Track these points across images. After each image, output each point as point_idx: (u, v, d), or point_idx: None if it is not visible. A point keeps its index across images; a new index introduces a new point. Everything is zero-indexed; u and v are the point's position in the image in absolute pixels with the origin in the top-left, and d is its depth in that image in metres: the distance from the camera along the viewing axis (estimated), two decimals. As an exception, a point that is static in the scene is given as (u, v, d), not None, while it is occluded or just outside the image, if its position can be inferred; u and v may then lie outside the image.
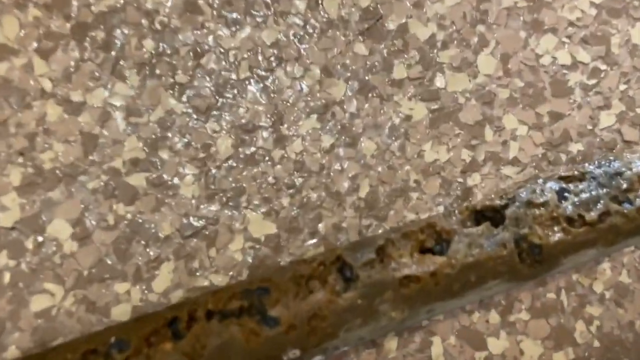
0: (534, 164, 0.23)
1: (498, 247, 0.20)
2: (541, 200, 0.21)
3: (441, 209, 0.22)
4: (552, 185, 0.21)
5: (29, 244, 0.21)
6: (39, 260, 0.21)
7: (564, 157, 0.23)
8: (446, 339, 0.22)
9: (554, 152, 0.23)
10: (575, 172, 0.22)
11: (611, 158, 0.22)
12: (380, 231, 0.22)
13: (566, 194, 0.21)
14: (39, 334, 0.20)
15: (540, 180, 0.21)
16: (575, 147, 0.23)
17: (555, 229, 0.20)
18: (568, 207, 0.21)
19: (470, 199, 0.23)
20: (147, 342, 0.18)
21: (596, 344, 0.22)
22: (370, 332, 0.19)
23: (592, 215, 0.21)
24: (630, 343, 0.22)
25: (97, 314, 0.21)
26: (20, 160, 0.21)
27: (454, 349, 0.22)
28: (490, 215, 0.21)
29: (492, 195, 0.21)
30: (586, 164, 0.22)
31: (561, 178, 0.22)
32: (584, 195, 0.21)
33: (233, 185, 0.22)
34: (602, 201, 0.21)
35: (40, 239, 0.21)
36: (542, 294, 0.22)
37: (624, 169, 0.22)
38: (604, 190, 0.21)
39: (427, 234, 0.20)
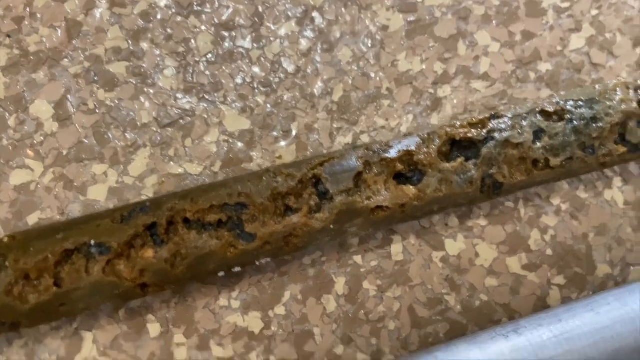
0: (503, 80, 0.24)
1: (466, 184, 0.20)
2: (518, 140, 0.21)
3: (411, 117, 0.23)
4: (532, 122, 0.21)
5: (12, 122, 0.21)
6: (21, 137, 0.21)
7: (532, 75, 0.24)
8: (406, 238, 0.23)
9: (523, 69, 0.24)
10: (557, 108, 0.22)
11: (594, 97, 0.22)
12: (350, 134, 0.23)
13: (541, 135, 0.21)
14: (17, 206, 0.21)
15: (522, 112, 0.21)
16: (544, 67, 0.24)
17: (520, 169, 0.21)
18: (539, 150, 0.21)
19: (439, 109, 0.23)
20: (128, 245, 0.19)
21: (549, 252, 0.23)
22: (337, 244, 0.20)
23: (556, 160, 0.21)
24: (583, 254, 0.23)
25: (74, 192, 0.21)
26: (7, 42, 0.22)
27: (412, 248, 0.22)
28: (465, 145, 0.21)
29: (472, 120, 0.22)
30: (570, 102, 0.22)
31: (542, 112, 0.22)
32: (556, 140, 0.21)
33: (211, 80, 0.22)
34: (569, 148, 0.21)
35: (22, 117, 0.21)
36: (501, 202, 0.23)
37: (602, 115, 0.22)
38: (576, 137, 0.21)
39: (404, 162, 0.21)
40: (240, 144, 0.22)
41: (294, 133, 0.22)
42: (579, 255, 0.23)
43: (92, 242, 0.18)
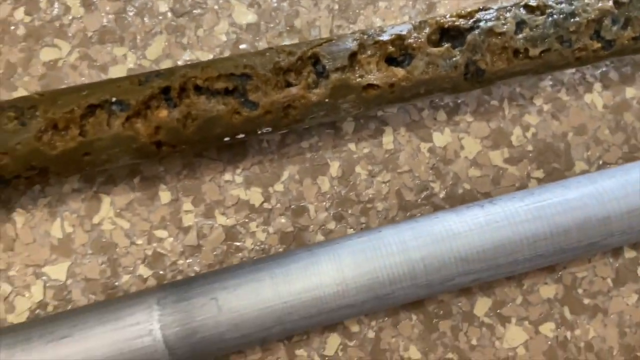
0: (494, -12, 0.25)
1: (450, 69, 0.22)
2: (501, 30, 0.23)
3: (406, 18, 0.25)
4: (515, 14, 0.23)
5: (43, 5, 0.23)
6: (51, 19, 0.23)
7: (522, -16, 0.25)
8: (397, 130, 0.24)
9: (513, -21, 0.25)
10: (540, 3, 0.23)
11: None
12: (349, 32, 0.24)
13: (523, 26, 0.23)
14: (45, 80, 0.23)
15: (508, 5, 0.23)
16: (533, -22, 0.25)
17: (502, 58, 0.22)
18: (519, 40, 0.22)
19: (433, 12, 0.25)
20: (145, 105, 0.21)
21: (530, 147, 0.24)
22: (330, 120, 0.22)
23: (535, 51, 0.22)
24: (561, 151, 0.25)
25: (96, 70, 0.23)
26: None
27: (402, 138, 0.24)
28: (453, 35, 0.23)
29: (461, 12, 0.23)
30: None
31: (526, 6, 0.23)
32: (536, 31, 0.23)
33: (223, -24, 0.24)
34: (547, 40, 0.23)
35: (52, 1, 0.23)
36: (487, 101, 0.25)
37: (580, 11, 0.23)
38: (555, 29, 0.23)
39: (396, 45, 0.22)
40: (247, 36, 0.24)
41: (297, 28, 0.24)
42: (558, 152, 0.25)
43: (114, 99, 0.20)
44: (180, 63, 0.23)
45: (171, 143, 0.21)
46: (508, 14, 0.22)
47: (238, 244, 0.23)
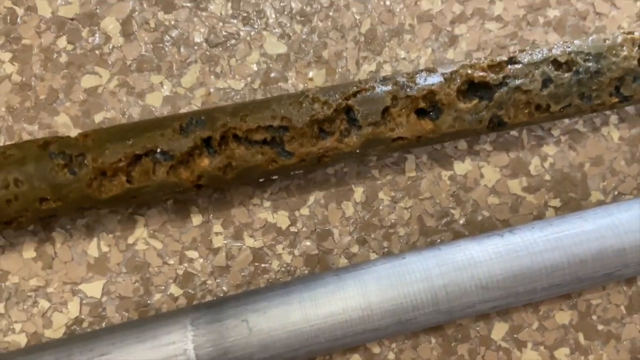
0: (514, 23, 0.26)
1: (476, 122, 0.22)
2: (528, 87, 0.23)
3: (429, 51, 0.25)
4: (543, 71, 0.23)
5: (85, 34, 0.24)
6: (91, 48, 0.24)
7: (541, 19, 0.26)
8: (419, 158, 0.25)
9: (533, 14, 0.26)
10: (568, 59, 0.23)
11: (602, 52, 0.23)
12: (374, 63, 0.25)
13: (549, 83, 0.23)
14: (86, 106, 0.24)
15: (537, 59, 0.23)
16: (552, 13, 0.26)
17: (524, 112, 0.23)
18: (544, 97, 0.23)
19: (455, 45, 0.25)
20: (188, 154, 0.22)
21: (547, 177, 0.25)
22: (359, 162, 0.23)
23: (556, 107, 0.23)
24: (578, 181, 0.25)
25: (134, 97, 0.24)
26: (83, -33, 0.25)
27: (424, 166, 0.25)
28: (482, 85, 0.23)
29: (492, 62, 0.23)
30: (580, 54, 0.23)
31: (554, 62, 0.23)
32: (560, 89, 0.23)
33: (255, 8, 0.25)
34: (570, 97, 0.23)
35: (94, 30, 0.24)
36: (506, 132, 0.25)
37: (605, 70, 0.24)
38: (577, 87, 0.23)
39: (427, 100, 0.23)
40: (277, 66, 0.25)
41: (325, 59, 0.25)
42: (574, 182, 0.25)
43: (159, 150, 0.21)
44: (212, 91, 0.24)
45: (211, 186, 0.22)
46: (537, 71, 0.23)
47: (265, 265, 0.24)
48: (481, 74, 0.23)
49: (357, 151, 0.22)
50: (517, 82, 0.23)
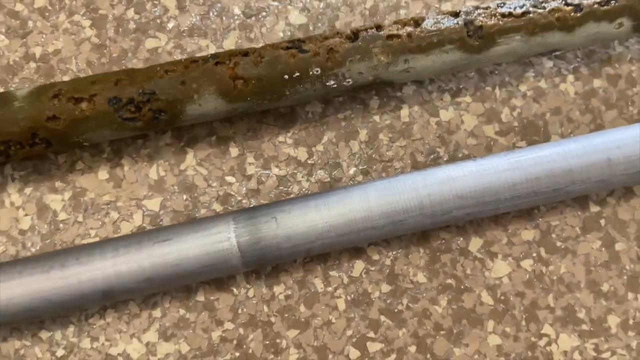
0: None
1: (453, 25, 0.28)
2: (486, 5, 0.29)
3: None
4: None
5: (148, 6, 0.30)
6: (153, 17, 0.30)
7: (511, -2, 0.32)
8: (412, 107, 0.30)
9: (505, -6, 0.32)
10: None
11: None
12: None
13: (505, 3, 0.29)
14: (148, 62, 0.30)
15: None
16: (521, -7, 0.32)
17: (493, 18, 0.28)
18: (504, 9, 0.28)
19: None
20: (229, 57, 0.27)
21: (515, 123, 0.30)
22: (366, 68, 0.28)
23: (517, 11, 0.28)
24: (540, 127, 0.31)
25: (186, 56, 0.30)
26: (147, -45, 0.31)
27: (416, 113, 0.30)
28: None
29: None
30: None
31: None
32: (516, 3, 0.29)
33: (282, -11, 0.31)
34: (526, 6, 0.29)
35: (156, 3, 0.30)
36: (482, 87, 0.31)
37: None
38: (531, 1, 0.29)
39: (411, 21, 0.28)
40: (299, 33, 0.31)
41: (337, 27, 0.31)
42: (537, 128, 0.31)
43: (210, 54, 0.26)
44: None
45: (245, 78, 0.27)
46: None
47: (287, 189, 0.29)
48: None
49: (359, 44, 0.27)
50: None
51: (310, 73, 0.27)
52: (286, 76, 0.27)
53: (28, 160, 0.29)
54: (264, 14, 0.31)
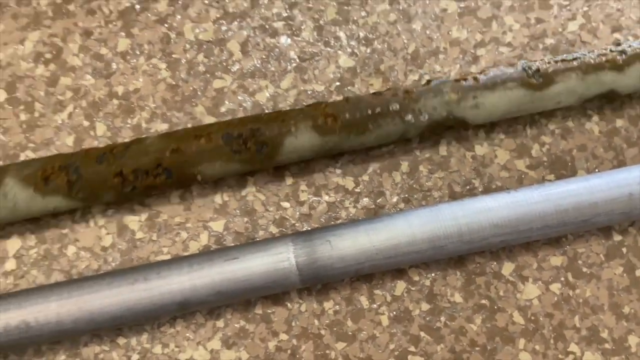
0: (520, 48, 0.34)
1: (513, 70, 0.31)
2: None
3: (457, 66, 0.34)
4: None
5: (216, 51, 0.34)
6: (220, 61, 0.34)
7: (540, 45, 0.34)
8: (450, 142, 0.33)
9: (535, 42, 0.34)
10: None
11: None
12: (417, 74, 0.34)
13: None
14: (215, 100, 0.34)
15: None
16: (549, 41, 0.34)
17: (547, 64, 0.31)
18: (557, 58, 0.32)
19: (477, 63, 0.34)
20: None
21: (545, 158, 0.33)
22: (439, 103, 0.30)
23: (568, 58, 0.31)
24: (567, 162, 0.33)
25: (248, 95, 0.34)
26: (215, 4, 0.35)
27: (453, 148, 0.33)
28: None
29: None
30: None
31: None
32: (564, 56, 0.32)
33: (333, 35, 0.34)
34: (574, 55, 0.31)
35: (223, 48, 0.34)
36: (514, 125, 0.34)
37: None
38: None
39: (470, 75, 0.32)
40: (347, 75, 0.34)
41: (381, 70, 0.34)
42: (565, 163, 0.33)
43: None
44: (301, 91, 0.34)
45: (335, 114, 0.30)
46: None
47: (336, 214, 0.32)
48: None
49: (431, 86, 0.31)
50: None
51: (390, 109, 0.30)
52: (369, 111, 0.30)
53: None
54: (317, 58, 0.34)
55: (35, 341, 0.28)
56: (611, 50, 0.32)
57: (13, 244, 0.31)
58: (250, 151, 0.30)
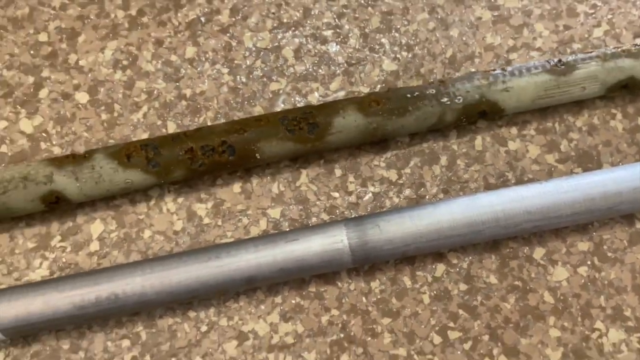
0: (549, 52, 0.37)
1: (537, 62, 0.34)
2: None
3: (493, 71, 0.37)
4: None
5: (272, 57, 0.38)
6: (276, 66, 0.38)
7: (568, 50, 0.37)
8: (485, 138, 0.36)
9: (563, 47, 0.37)
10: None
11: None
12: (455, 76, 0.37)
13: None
14: (272, 101, 0.37)
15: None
16: (575, 46, 0.37)
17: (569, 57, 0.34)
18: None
19: (510, 66, 0.37)
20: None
21: (572, 153, 0.36)
22: (472, 87, 0.34)
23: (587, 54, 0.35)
24: (594, 156, 0.36)
25: (301, 96, 0.37)
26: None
27: (488, 144, 0.36)
28: None
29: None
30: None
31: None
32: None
33: (377, 42, 0.38)
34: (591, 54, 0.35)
35: (278, 55, 0.38)
36: (544, 122, 0.36)
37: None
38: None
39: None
40: (390, 78, 0.37)
41: (422, 73, 0.37)
42: (591, 157, 0.36)
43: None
44: (348, 93, 0.37)
45: (378, 99, 0.34)
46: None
47: (381, 203, 0.35)
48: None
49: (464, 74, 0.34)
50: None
51: (427, 92, 0.34)
52: (408, 94, 0.33)
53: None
54: (362, 62, 0.38)
55: (120, 312, 0.32)
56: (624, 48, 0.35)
57: (96, 228, 0.35)
58: (303, 130, 0.34)
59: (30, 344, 0.33)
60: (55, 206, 0.33)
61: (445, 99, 0.34)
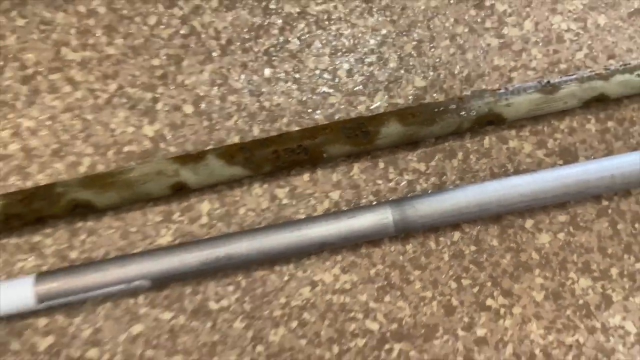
0: (541, 71, 0.48)
1: (531, 83, 0.45)
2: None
3: (497, 86, 0.48)
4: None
5: (330, 77, 0.49)
6: (333, 84, 0.49)
7: (556, 69, 0.48)
8: (491, 138, 0.48)
9: (552, 67, 0.48)
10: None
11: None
12: (469, 92, 0.48)
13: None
14: (330, 112, 0.48)
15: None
16: (562, 66, 0.48)
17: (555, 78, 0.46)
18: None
19: (510, 83, 0.48)
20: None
21: (557, 149, 0.47)
22: (482, 104, 0.46)
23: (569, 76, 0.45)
24: (573, 152, 0.47)
25: (351, 107, 0.48)
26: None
27: (493, 142, 0.47)
28: None
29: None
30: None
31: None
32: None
33: (410, 65, 0.49)
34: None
35: (335, 77, 0.49)
36: (536, 126, 0.47)
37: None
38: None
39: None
40: (420, 93, 0.48)
41: (444, 88, 0.48)
42: (571, 152, 0.47)
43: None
44: (388, 105, 0.48)
45: (414, 113, 0.45)
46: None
47: (413, 189, 0.47)
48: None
49: (474, 93, 0.45)
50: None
51: (449, 107, 0.45)
52: (436, 109, 0.45)
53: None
54: (399, 80, 0.49)
55: (230, 267, 0.44)
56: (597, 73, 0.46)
57: (205, 206, 0.47)
58: (358, 137, 0.45)
59: (162, 290, 0.46)
60: (178, 192, 0.45)
61: (462, 112, 0.45)
